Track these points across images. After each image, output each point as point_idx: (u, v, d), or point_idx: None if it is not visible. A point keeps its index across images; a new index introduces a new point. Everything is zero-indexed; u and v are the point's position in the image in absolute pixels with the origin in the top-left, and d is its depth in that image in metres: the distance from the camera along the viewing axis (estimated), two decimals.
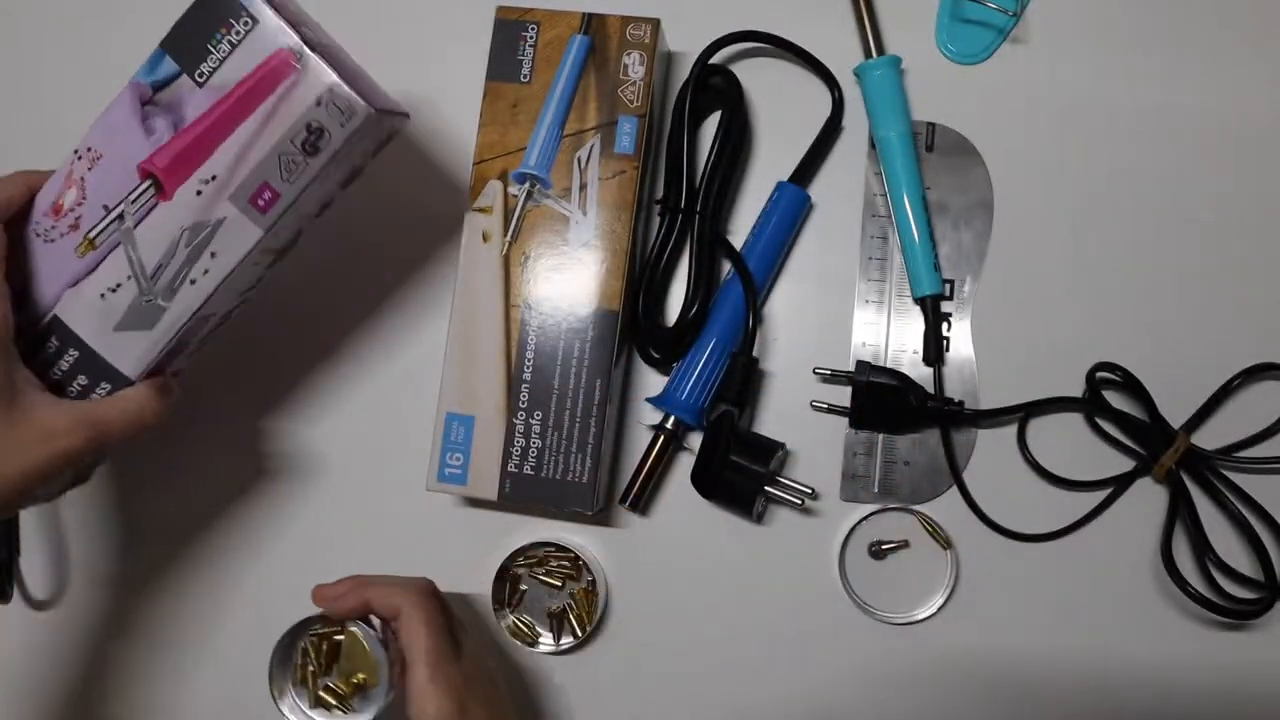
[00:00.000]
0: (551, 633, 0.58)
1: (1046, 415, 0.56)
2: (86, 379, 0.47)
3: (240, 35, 0.44)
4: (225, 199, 0.45)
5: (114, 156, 0.45)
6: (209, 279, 0.46)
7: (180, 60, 0.45)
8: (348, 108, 0.44)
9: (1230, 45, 0.57)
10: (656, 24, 0.54)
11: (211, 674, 0.60)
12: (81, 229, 0.46)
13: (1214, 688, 0.54)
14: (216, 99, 0.44)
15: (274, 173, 0.44)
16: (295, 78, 0.44)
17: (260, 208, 0.45)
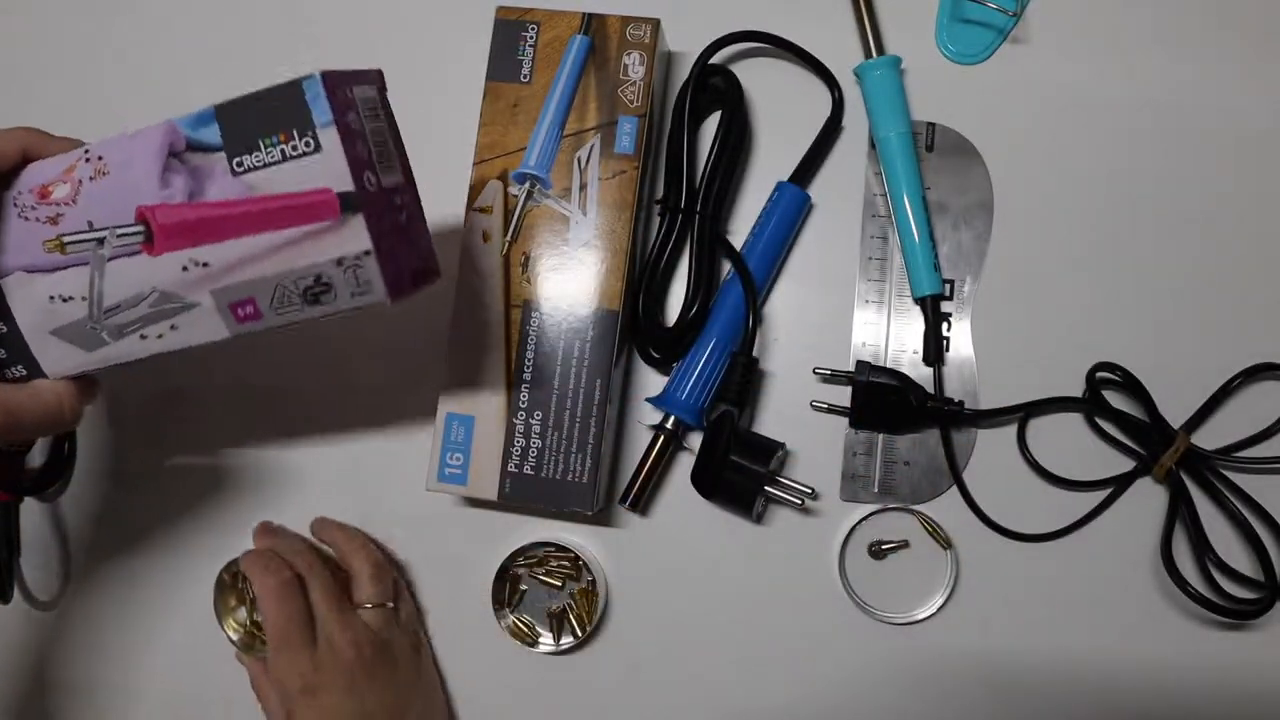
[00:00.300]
0: (551, 633, 0.58)
1: (1046, 415, 0.56)
2: (5, 353, 0.45)
3: (297, 152, 0.40)
4: (208, 289, 0.42)
5: (120, 182, 0.42)
6: (159, 343, 0.43)
7: (226, 137, 0.40)
8: (366, 284, 0.40)
9: (1230, 45, 0.57)
10: (656, 24, 0.54)
11: (212, 674, 0.60)
12: (59, 228, 0.43)
13: (1214, 688, 0.54)
14: (245, 194, 0.40)
15: (265, 296, 0.41)
16: (331, 225, 0.40)
17: (237, 317, 0.42)
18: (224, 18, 0.63)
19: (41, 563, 0.61)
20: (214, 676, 0.60)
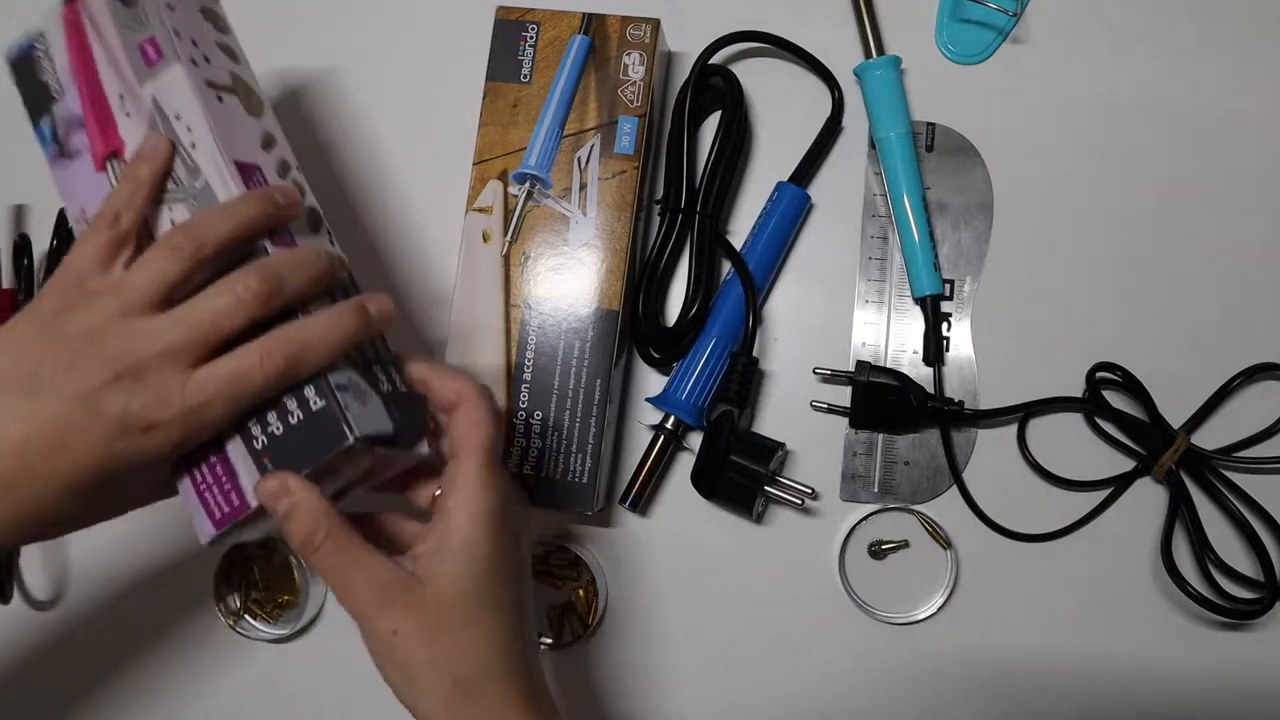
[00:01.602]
0: (552, 631, 0.58)
1: (1046, 415, 0.56)
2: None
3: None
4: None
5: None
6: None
7: None
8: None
9: (1230, 45, 0.57)
10: (656, 24, 0.54)
11: (213, 674, 0.60)
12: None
13: (1214, 688, 0.54)
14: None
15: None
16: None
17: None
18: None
19: (41, 563, 0.61)
20: (215, 676, 0.60)
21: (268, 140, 0.43)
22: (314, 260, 0.39)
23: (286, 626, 0.58)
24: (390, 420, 0.39)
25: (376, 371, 0.40)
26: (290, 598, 0.59)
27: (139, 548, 0.61)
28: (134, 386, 0.36)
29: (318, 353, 0.37)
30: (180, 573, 0.60)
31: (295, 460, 0.38)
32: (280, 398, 0.38)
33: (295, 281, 0.38)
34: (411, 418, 0.41)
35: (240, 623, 0.58)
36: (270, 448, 0.38)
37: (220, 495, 0.39)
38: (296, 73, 0.62)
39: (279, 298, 0.37)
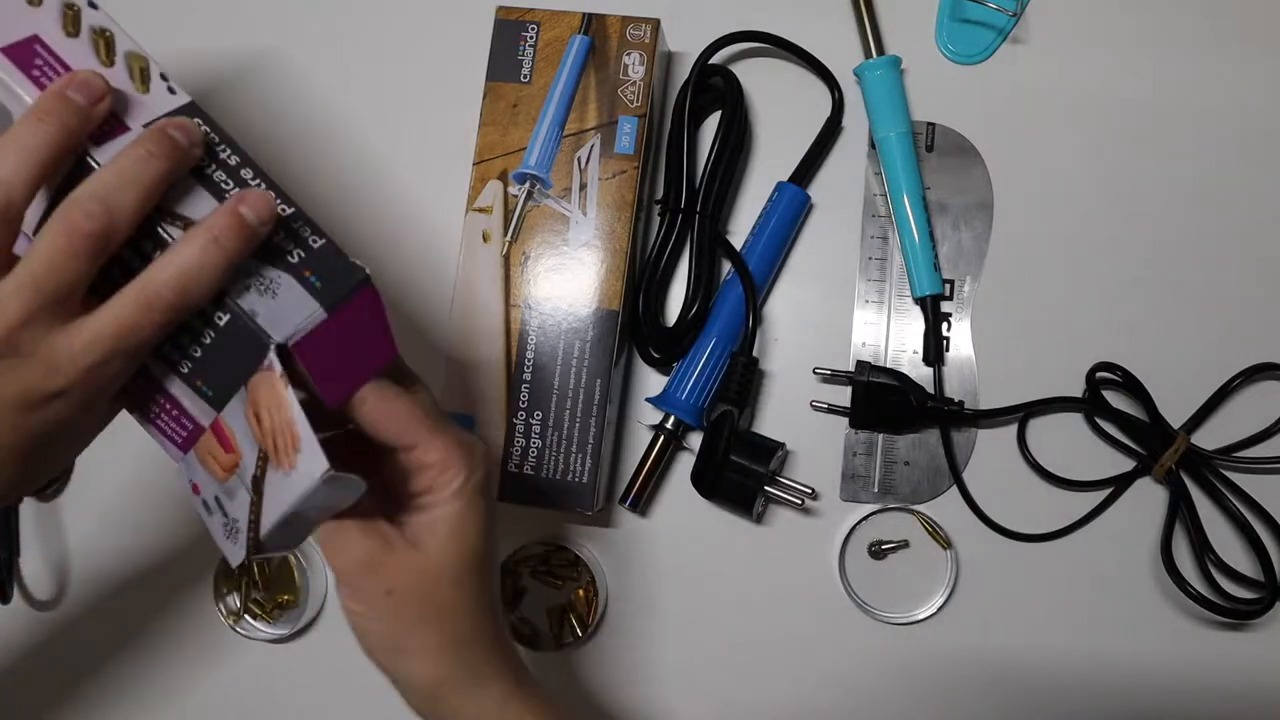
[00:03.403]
0: (551, 632, 0.58)
1: (1046, 415, 0.56)
2: None
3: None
4: None
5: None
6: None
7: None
8: None
9: (1230, 45, 0.57)
10: (656, 24, 0.54)
11: (213, 674, 0.60)
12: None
13: (1214, 688, 0.54)
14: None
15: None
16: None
17: None
18: (222, 18, 0.63)
19: (41, 563, 0.61)
20: (215, 676, 0.60)
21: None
22: (147, 165, 0.33)
23: (286, 626, 0.58)
24: (311, 296, 0.35)
25: (281, 244, 0.35)
26: (290, 598, 0.59)
27: (139, 548, 0.61)
28: (14, 364, 0.33)
29: (202, 282, 0.33)
30: (180, 573, 0.60)
31: (228, 379, 0.35)
32: (187, 323, 0.35)
33: (129, 202, 0.33)
34: (338, 277, 0.35)
35: (240, 623, 0.58)
36: (196, 371, 0.36)
37: (173, 422, 0.38)
38: (296, 73, 0.62)
39: (116, 229, 0.33)
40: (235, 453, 0.36)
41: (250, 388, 0.35)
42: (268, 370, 0.34)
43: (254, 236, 0.34)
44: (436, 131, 0.60)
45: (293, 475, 0.35)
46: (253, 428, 0.35)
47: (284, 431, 0.35)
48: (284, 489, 0.35)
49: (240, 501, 0.37)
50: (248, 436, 0.36)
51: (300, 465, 0.34)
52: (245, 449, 0.36)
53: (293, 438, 0.34)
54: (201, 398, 0.36)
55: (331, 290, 0.35)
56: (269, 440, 0.35)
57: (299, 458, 0.34)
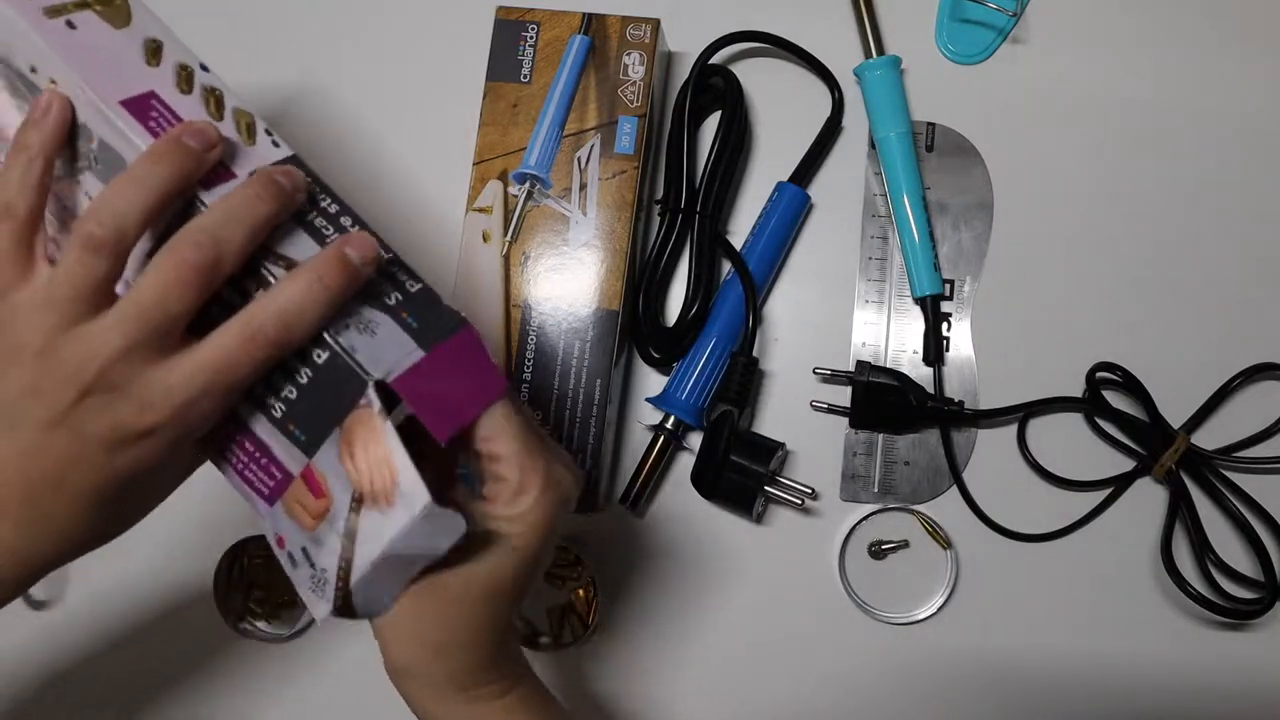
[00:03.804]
0: (551, 632, 0.58)
1: (1046, 415, 0.56)
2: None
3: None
4: None
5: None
6: None
7: None
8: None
9: (1230, 45, 0.57)
10: (656, 24, 0.54)
11: (213, 674, 0.60)
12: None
13: (1214, 688, 0.54)
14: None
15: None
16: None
17: None
18: (222, 18, 0.63)
19: None
20: (215, 676, 0.60)
21: (152, 49, 0.36)
22: (254, 204, 0.34)
23: (286, 626, 0.58)
24: (408, 329, 0.35)
25: (379, 286, 0.36)
26: (290, 598, 0.59)
27: (139, 547, 0.61)
28: (108, 399, 0.33)
29: (305, 320, 0.34)
30: (180, 573, 0.60)
31: (322, 422, 0.35)
32: (284, 362, 0.35)
33: (237, 238, 0.33)
34: (434, 319, 0.36)
35: (240, 623, 0.58)
36: (290, 414, 0.35)
37: (261, 471, 0.37)
38: (296, 73, 0.62)
39: (224, 263, 0.33)
40: (326, 497, 0.36)
41: (345, 429, 0.34)
42: (366, 408, 0.34)
43: (357, 276, 0.35)
44: (436, 131, 0.60)
45: (390, 513, 0.34)
46: (347, 469, 0.35)
47: (381, 469, 0.34)
48: (380, 529, 0.34)
49: (329, 549, 0.36)
50: (341, 479, 0.35)
51: (399, 501, 0.34)
52: (337, 492, 0.35)
53: (391, 473, 0.34)
54: (293, 443, 0.35)
55: (428, 331, 0.35)
56: (365, 481, 0.35)
57: (397, 493, 0.34)
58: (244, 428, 0.36)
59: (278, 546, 0.38)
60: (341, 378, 0.34)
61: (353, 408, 0.34)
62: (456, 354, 0.36)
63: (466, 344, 0.36)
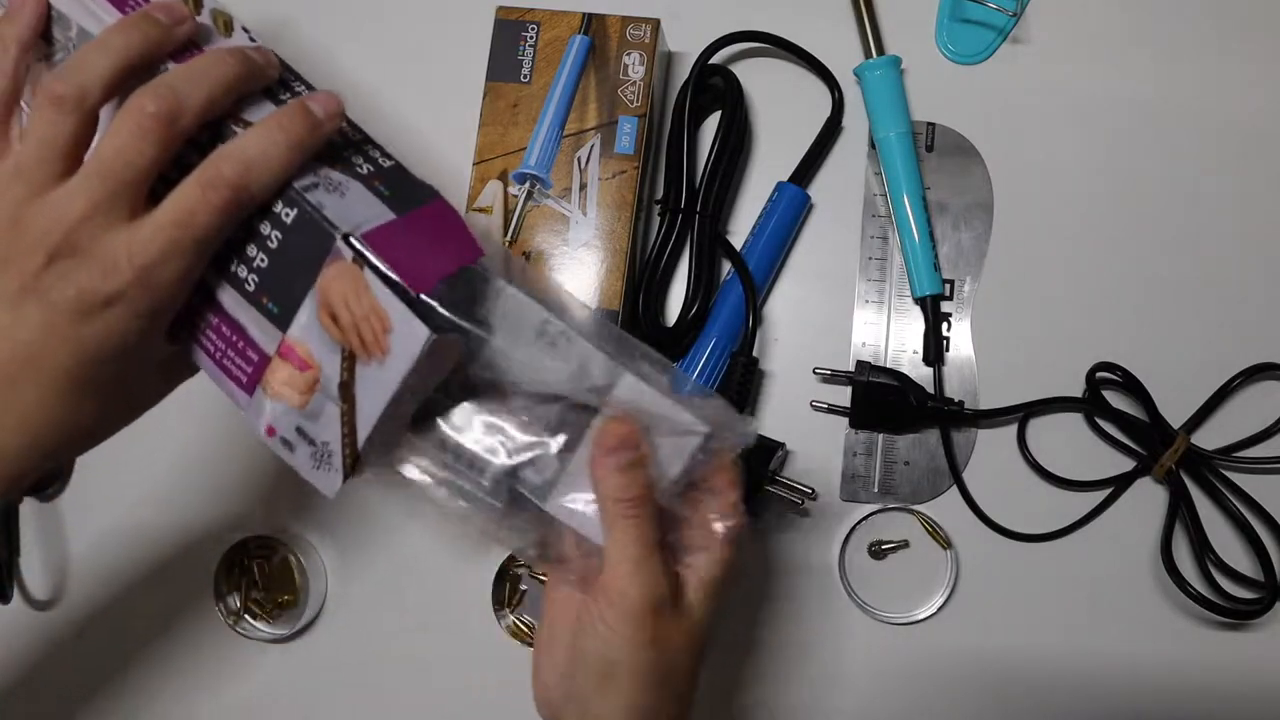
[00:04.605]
0: None
1: (1046, 415, 0.56)
2: None
3: None
4: None
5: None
6: None
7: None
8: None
9: (1230, 45, 0.57)
10: (656, 24, 0.54)
11: (213, 674, 0.60)
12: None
13: (1214, 688, 0.54)
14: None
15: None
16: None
17: None
18: None
19: (41, 563, 0.61)
20: (215, 676, 0.60)
21: None
22: (218, 64, 0.34)
23: (286, 626, 0.58)
24: (380, 196, 0.35)
25: (350, 157, 0.36)
26: (290, 598, 0.59)
27: (139, 548, 0.61)
28: (74, 264, 0.32)
29: (265, 169, 0.33)
30: (180, 573, 0.60)
31: (294, 287, 0.34)
32: (252, 226, 0.34)
33: (197, 94, 0.33)
34: (407, 190, 0.36)
35: (240, 623, 0.58)
36: (263, 285, 0.35)
37: (237, 355, 0.36)
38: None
39: (183, 114, 0.32)
40: (313, 368, 0.35)
41: (320, 290, 0.34)
42: (338, 261, 0.33)
43: (319, 128, 0.34)
44: (437, 131, 0.60)
45: (388, 360, 0.34)
46: (330, 331, 0.34)
47: (368, 319, 0.34)
48: (380, 379, 0.34)
49: (328, 418, 0.36)
50: (325, 344, 0.35)
51: (396, 344, 0.33)
52: (324, 358, 0.35)
53: (380, 320, 0.33)
54: (267, 317, 0.35)
55: (400, 198, 0.35)
56: (352, 337, 0.34)
57: (392, 338, 0.33)
58: (218, 308, 0.36)
59: (268, 436, 0.38)
60: (310, 236, 0.33)
61: (322, 266, 0.34)
62: (430, 221, 0.36)
63: (440, 212, 0.36)
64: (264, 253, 0.34)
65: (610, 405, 0.37)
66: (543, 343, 0.36)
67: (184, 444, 0.61)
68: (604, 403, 0.37)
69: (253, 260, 0.35)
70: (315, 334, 0.35)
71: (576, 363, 0.36)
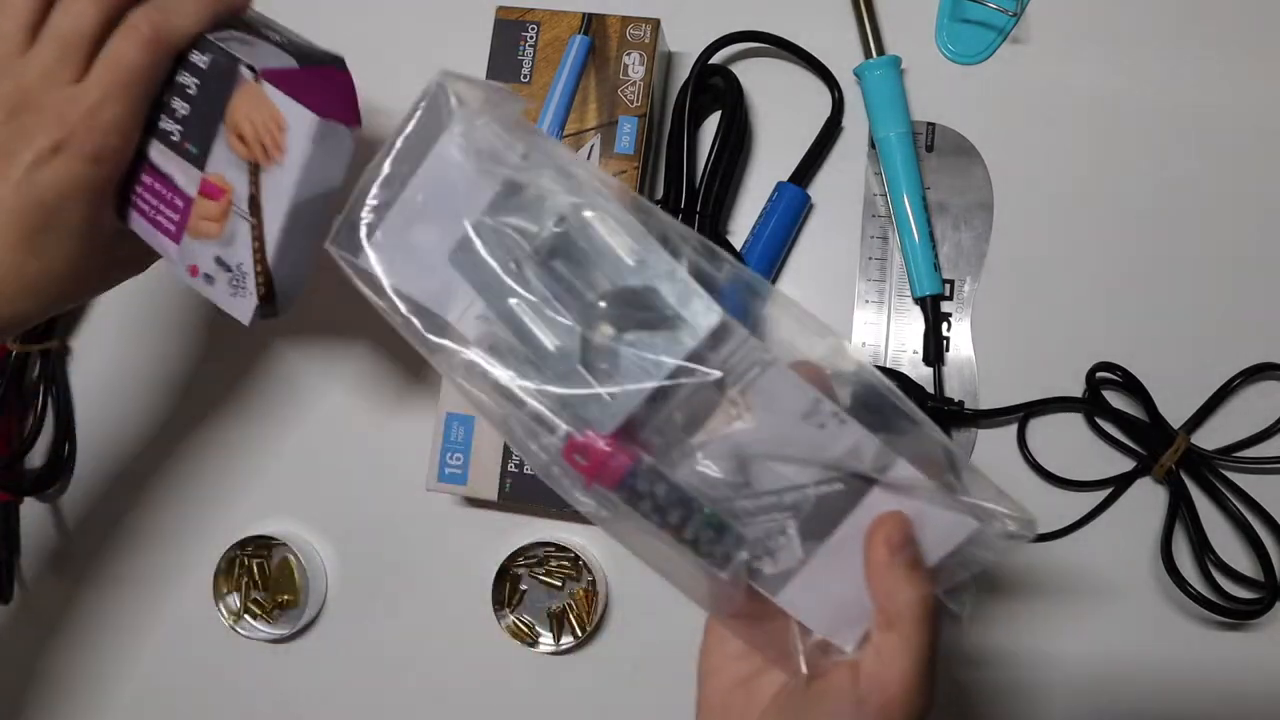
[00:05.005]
0: (551, 633, 0.58)
1: (1046, 415, 0.56)
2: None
3: None
4: None
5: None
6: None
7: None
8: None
9: (1231, 44, 0.57)
10: (656, 24, 0.54)
11: (213, 674, 0.60)
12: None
13: (1214, 688, 0.54)
14: None
15: None
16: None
17: None
18: None
19: (41, 563, 0.61)
20: (215, 675, 0.60)
21: None
22: None
23: (286, 626, 0.58)
24: (287, 53, 0.39)
25: (264, 31, 0.40)
26: (290, 598, 0.59)
27: (139, 548, 0.61)
28: (28, 117, 0.37)
29: (183, 14, 0.38)
30: (180, 573, 0.60)
31: (208, 127, 0.38)
32: (174, 80, 0.39)
33: None
34: (312, 54, 0.40)
35: (240, 623, 0.58)
36: (185, 132, 0.39)
37: (167, 208, 0.40)
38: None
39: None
40: (225, 189, 0.39)
41: (228, 117, 0.38)
42: (241, 85, 0.38)
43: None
44: None
45: (285, 158, 0.37)
46: (237, 150, 0.38)
47: (267, 126, 0.37)
48: (280, 181, 0.37)
49: (241, 239, 0.39)
50: (235, 164, 0.39)
51: (291, 141, 0.37)
52: (234, 178, 0.39)
53: (276, 121, 0.37)
54: (189, 160, 0.39)
55: (305, 58, 0.39)
56: (256, 149, 0.38)
57: (288, 136, 0.37)
58: (150, 167, 0.40)
59: (190, 276, 0.41)
60: (221, 75, 0.38)
61: (230, 95, 0.38)
62: (329, 80, 0.40)
63: (338, 77, 0.40)
64: (184, 100, 0.39)
65: (882, 490, 0.34)
66: (810, 423, 0.33)
67: (184, 444, 0.61)
68: (870, 488, 0.34)
69: (175, 111, 0.39)
70: (226, 159, 0.39)
71: (845, 446, 0.33)
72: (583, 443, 0.33)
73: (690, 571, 0.36)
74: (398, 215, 0.34)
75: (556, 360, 0.33)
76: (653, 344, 0.32)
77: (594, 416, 0.33)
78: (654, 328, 0.32)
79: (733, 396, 0.33)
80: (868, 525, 0.34)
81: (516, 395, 0.34)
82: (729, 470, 0.34)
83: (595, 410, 0.33)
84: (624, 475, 0.34)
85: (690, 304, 0.32)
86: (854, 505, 0.34)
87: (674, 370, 0.32)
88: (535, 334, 0.33)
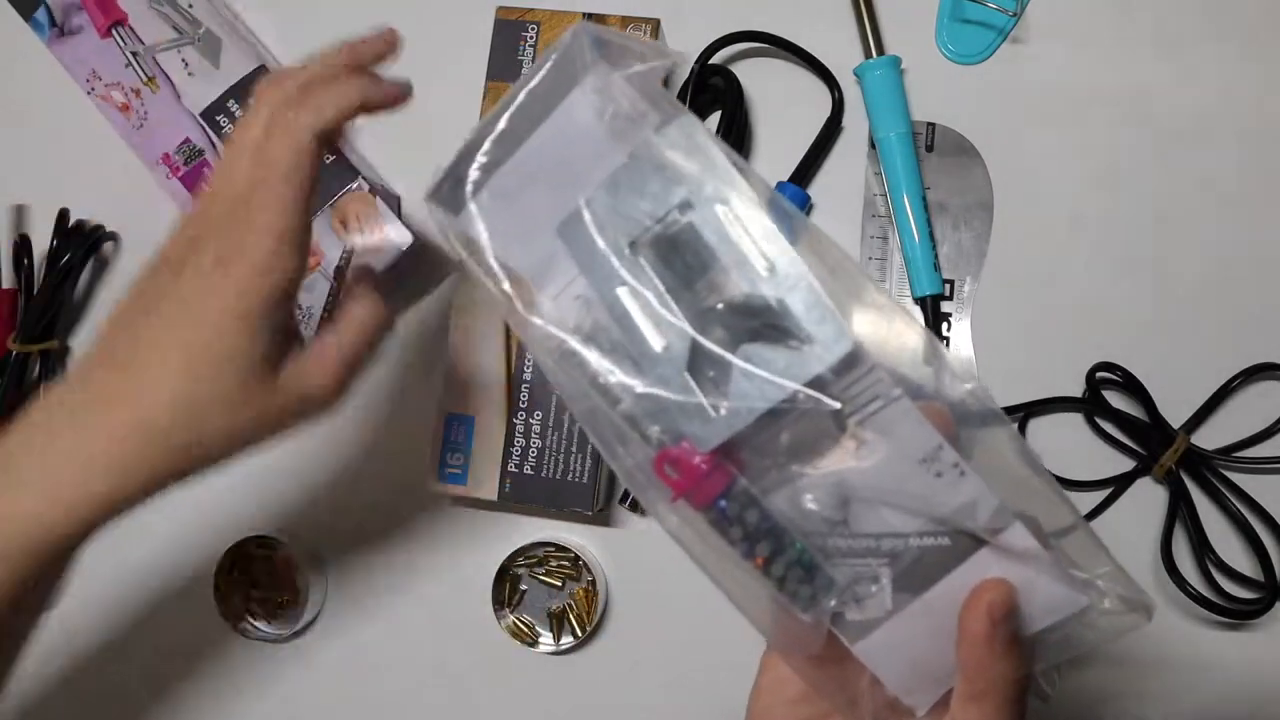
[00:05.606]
0: (551, 633, 0.58)
1: (1046, 415, 0.56)
2: None
3: None
4: None
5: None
6: None
7: None
8: None
9: (1231, 44, 0.57)
10: (656, 24, 0.54)
11: (213, 674, 0.60)
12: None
13: (1214, 688, 0.54)
14: None
15: None
16: None
17: None
18: None
19: None
20: (215, 676, 0.60)
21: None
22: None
23: (286, 626, 0.58)
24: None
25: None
26: (290, 598, 0.59)
27: (139, 547, 0.61)
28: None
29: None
30: (180, 573, 0.60)
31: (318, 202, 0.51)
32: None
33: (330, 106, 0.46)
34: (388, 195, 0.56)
35: (240, 623, 0.58)
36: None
37: None
38: None
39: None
40: (319, 255, 0.55)
41: (336, 206, 0.55)
42: (358, 190, 0.56)
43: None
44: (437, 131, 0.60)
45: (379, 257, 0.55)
46: (337, 231, 0.55)
47: (369, 225, 0.55)
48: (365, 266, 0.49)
49: (319, 291, 0.55)
50: (328, 237, 0.55)
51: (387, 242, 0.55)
52: (327, 247, 0.55)
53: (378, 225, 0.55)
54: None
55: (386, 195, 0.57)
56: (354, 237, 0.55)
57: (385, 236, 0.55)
58: None
59: None
60: (343, 175, 0.56)
61: (339, 190, 0.56)
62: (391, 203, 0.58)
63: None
64: None
65: (990, 552, 0.31)
66: (926, 470, 0.30)
67: None
68: (977, 548, 0.31)
69: None
70: (323, 232, 0.55)
71: (960, 500, 0.30)
72: (677, 455, 0.30)
73: (764, 604, 0.33)
74: (509, 175, 0.32)
75: (661, 361, 0.30)
76: (773, 362, 0.29)
77: (694, 430, 0.30)
78: (776, 343, 0.29)
79: (849, 429, 0.30)
80: (968, 588, 0.31)
81: (612, 392, 0.30)
82: (828, 506, 0.31)
83: (697, 423, 0.30)
84: (716, 496, 0.31)
85: (824, 325, 0.29)
86: (957, 563, 0.31)
87: (792, 394, 0.29)
88: (640, 329, 0.30)
